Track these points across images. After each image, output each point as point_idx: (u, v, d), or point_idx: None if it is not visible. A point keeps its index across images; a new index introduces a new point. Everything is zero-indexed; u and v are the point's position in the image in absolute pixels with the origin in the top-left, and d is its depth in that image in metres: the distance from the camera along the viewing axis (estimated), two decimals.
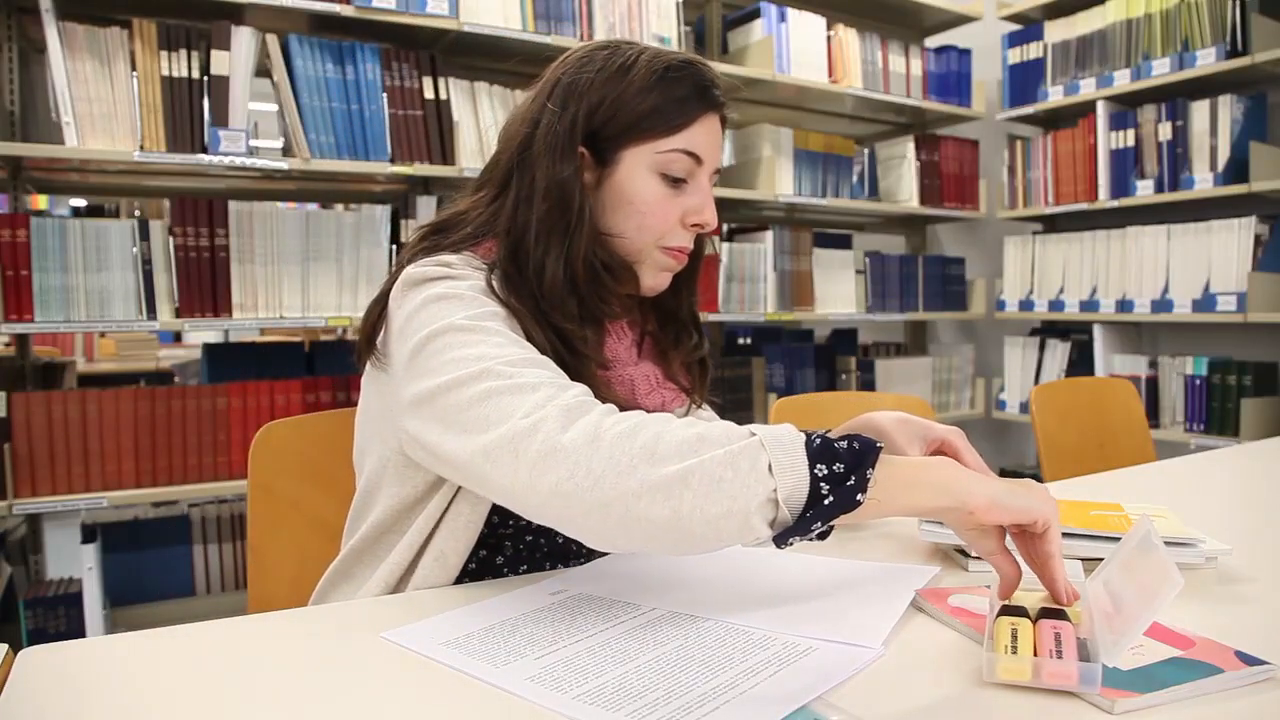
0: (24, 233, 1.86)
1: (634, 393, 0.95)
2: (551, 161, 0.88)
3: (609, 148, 0.90)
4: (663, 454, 0.64)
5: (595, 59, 0.91)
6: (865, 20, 3.12)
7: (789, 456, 0.63)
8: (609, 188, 0.91)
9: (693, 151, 0.91)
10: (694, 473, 0.63)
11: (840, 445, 0.66)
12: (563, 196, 0.88)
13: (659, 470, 0.63)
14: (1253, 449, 1.71)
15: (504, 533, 0.90)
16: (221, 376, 2.23)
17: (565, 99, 0.89)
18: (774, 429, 0.66)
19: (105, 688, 0.63)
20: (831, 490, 0.64)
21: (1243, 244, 2.61)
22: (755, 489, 0.63)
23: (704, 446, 0.64)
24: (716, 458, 0.63)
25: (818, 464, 0.64)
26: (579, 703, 0.59)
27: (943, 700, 0.61)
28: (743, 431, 0.66)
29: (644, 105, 0.89)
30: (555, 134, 0.89)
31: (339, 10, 2.09)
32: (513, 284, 0.86)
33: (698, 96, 0.91)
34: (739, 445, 0.64)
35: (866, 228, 3.74)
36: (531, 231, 0.88)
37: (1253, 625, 0.75)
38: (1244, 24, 2.59)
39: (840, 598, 0.81)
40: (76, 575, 2.04)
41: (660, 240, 0.93)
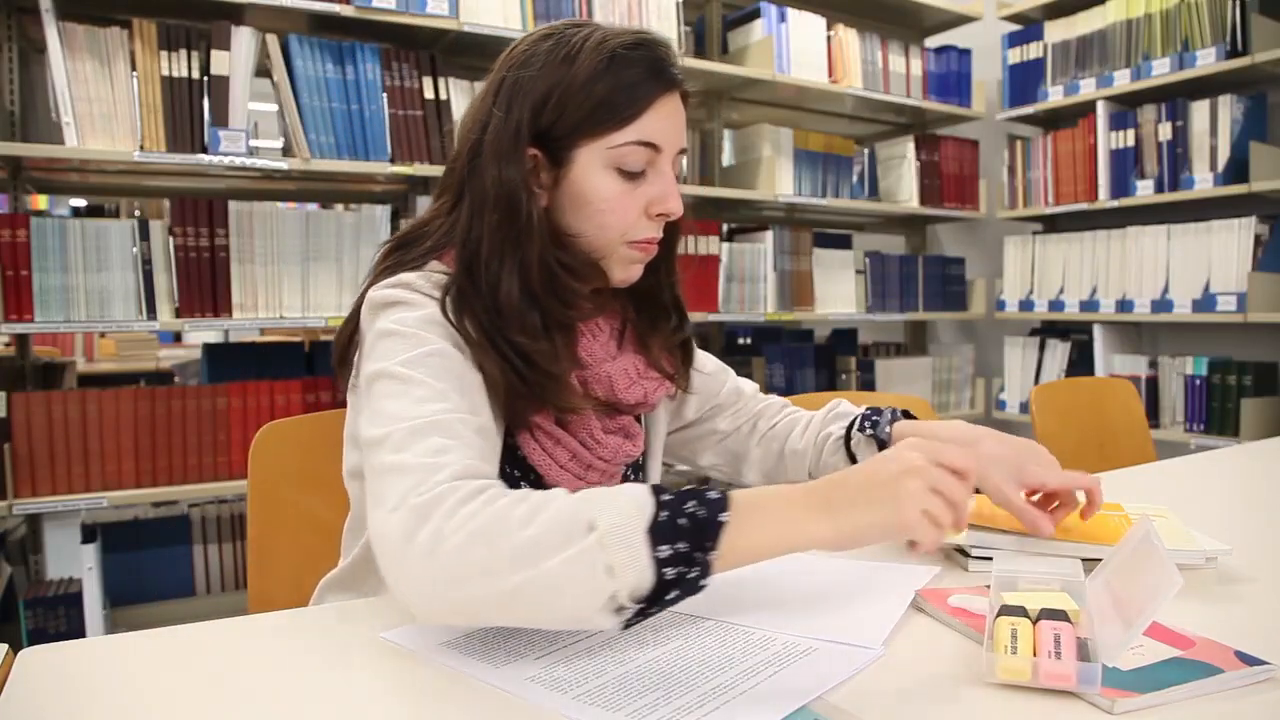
0: (24, 233, 1.86)
1: (613, 390, 0.91)
2: (498, 168, 0.84)
3: (560, 147, 0.86)
4: (498, 568, 0.61)
5: (539, 52, 0.86)
6: (865, 20, 3.12)
7: (629, 552, 0.61)
8: (565, 188, 0.88)
9: (648, 141, 0.86)
10: (529, 587, 0.61)
11: (683, 517, 0.63)
12: (510, 205, 0.84)
13: (496, 584, 0.61)
14: (1253, 449, 1.71)
15: None
16: (221, 376, 2.22)
17: (510, 100, 0.86)
18: (617, 513, 0.62)
19: (105, 688, 0.63)
20: (676, 576, 0.62)
21: (1243, 244, 2.61)
22: (595, 595, 0.61)
23: (541, 554, 0.61)
24: (552, 568, 0.60)
25: (660, 545, 0.61)
26: (579, 703, 0.59)
27: (943, 700, 0.61)
28: (583, 524, 0.62)
29: (591, 99, 0.84)
30: (500, 139, 0.85)
31: (339, 10, 2.09)
32: (468, 301, 0.83)
33: (650, 79, 0.86)
34: (575, 550, 0.61)
35: (866, 228, 3.74)
36: (484, 245, 0.85)
37: (1253, 625, 0.75)
38: (1244, 24, 2.59)
39: (840, 598, 0.81)
40: (76, 575, 2.04)
41: (625, 235, 0.89)
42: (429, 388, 0.75)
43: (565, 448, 0.89)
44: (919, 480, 0.65)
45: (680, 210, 0.90)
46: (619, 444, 0.92)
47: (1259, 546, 0.97)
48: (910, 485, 0.65)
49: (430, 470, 0.68)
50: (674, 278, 1.00)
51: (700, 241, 2.69)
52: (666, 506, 0.63)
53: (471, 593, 0.62)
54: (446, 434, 0.71)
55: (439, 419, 0.72)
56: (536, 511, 0.63)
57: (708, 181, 2.90)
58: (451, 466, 0.68)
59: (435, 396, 0.74)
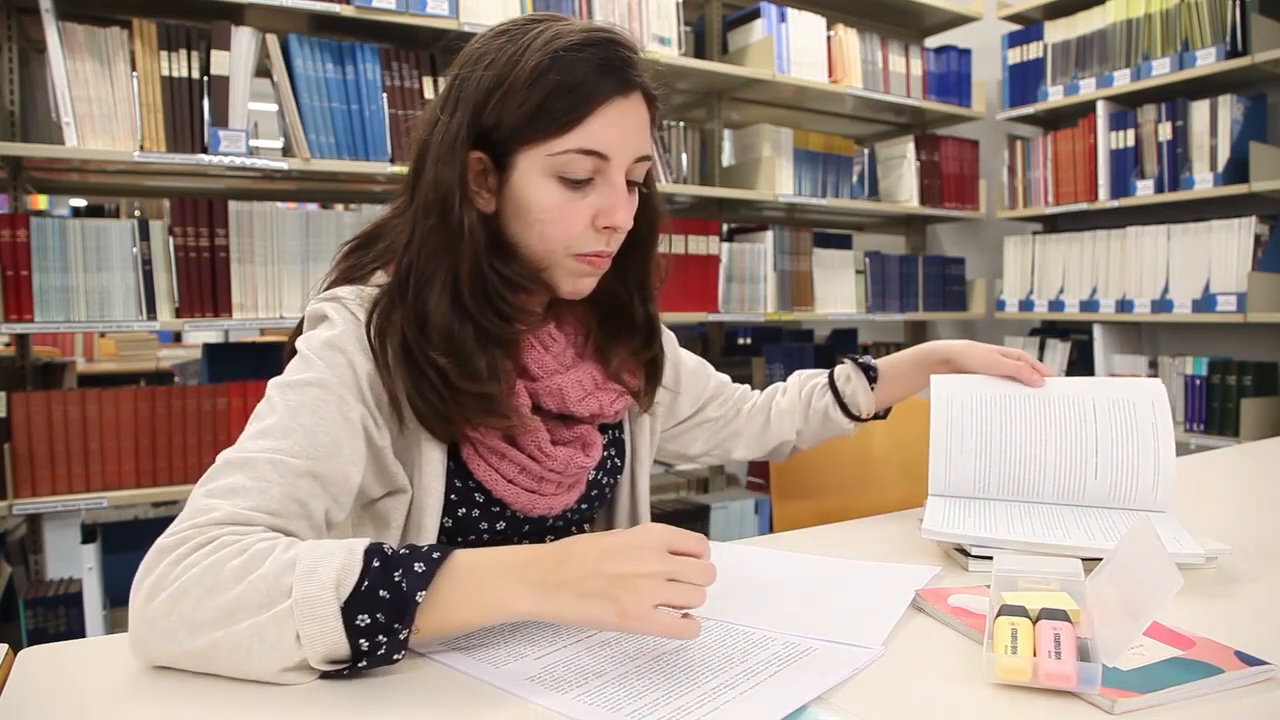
0: (24, 233, 1.86)
1: (564, 402, 0.89)
2: (435, 170, 0.81)
3: (502, 150, 0.82)
4: (199, 621, 0.62)
5: (489, 51, 0.82)
6: (865, 20, 3.12)
7: (317, 624, 0.61)
8: (507, 194, 0.83)
9: (593, 149, 0.80)
10: (221, 645, 0.61)
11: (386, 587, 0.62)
12: (444, 209, 0.81)
13: (194, 640, 0.62)
14: (1253, 449, 1.71)
15: None
16: (221, 376, 2.22)
17: (456, 99, 0.82)
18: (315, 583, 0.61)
19: (105, 688, 0.63)
20: (369, 647, 0.62)
21: (1243, 244, 2.61)
22: (281, 659, 0.61)
23: (239, 613, 0.61)
24: (244, 630, 0.61)
25: (360, 615, 0.61)
26: (579, 703, 0.59)
27: (943, 700, 0.61)
28: (283, 589, 0.62)
29: (529, 102, 0.79)
30: (442, 142, 0.81)
31: (339, 10, 2.09)
32: (394, 314, 0.81)
33: (596, 81, 0.79)
34: (268, 616, 0.61)
35: (866, 228, 3.74)
36: (418, 252, 0.82)
37: (1253, 625, 0.75)
38: (1244, 24, 2.59)
39: (840, 598, 0.81)
40: (76, 575, 2.04)
41: (569, 248, 0.84)
42: (279, 419, 0.74)
43: (512, 462, 0.87)
44: (647, 581, 0.63)
45: (628, 224, 0.85)
46: (571, 455, 0.89)
47: (1259, 546, 0.97)
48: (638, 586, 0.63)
49: (200, 511, 0.68)
50: (648, 294, 0.95)
51: (700, 241, 2.69)
52: (371, 574, 0.62)
53: (177, 644, 0.62)
54: (252, 474, 0.71)
55: (255, 457, 0.71)
56: (249, 569, 0.63)
57: (708, 181, 2.90)
58: (225, 509, 0.68)
59: (277, 431, 0.74)
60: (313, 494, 0.74)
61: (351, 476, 0.78)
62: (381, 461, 0.82)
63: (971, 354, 1.10)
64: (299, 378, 0.77)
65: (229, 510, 0.68)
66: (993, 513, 1.00)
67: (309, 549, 0.65)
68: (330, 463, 0.75)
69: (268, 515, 0.70)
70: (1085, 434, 1.02)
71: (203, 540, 0.65)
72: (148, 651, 0.64)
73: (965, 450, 1.05)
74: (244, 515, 0.68)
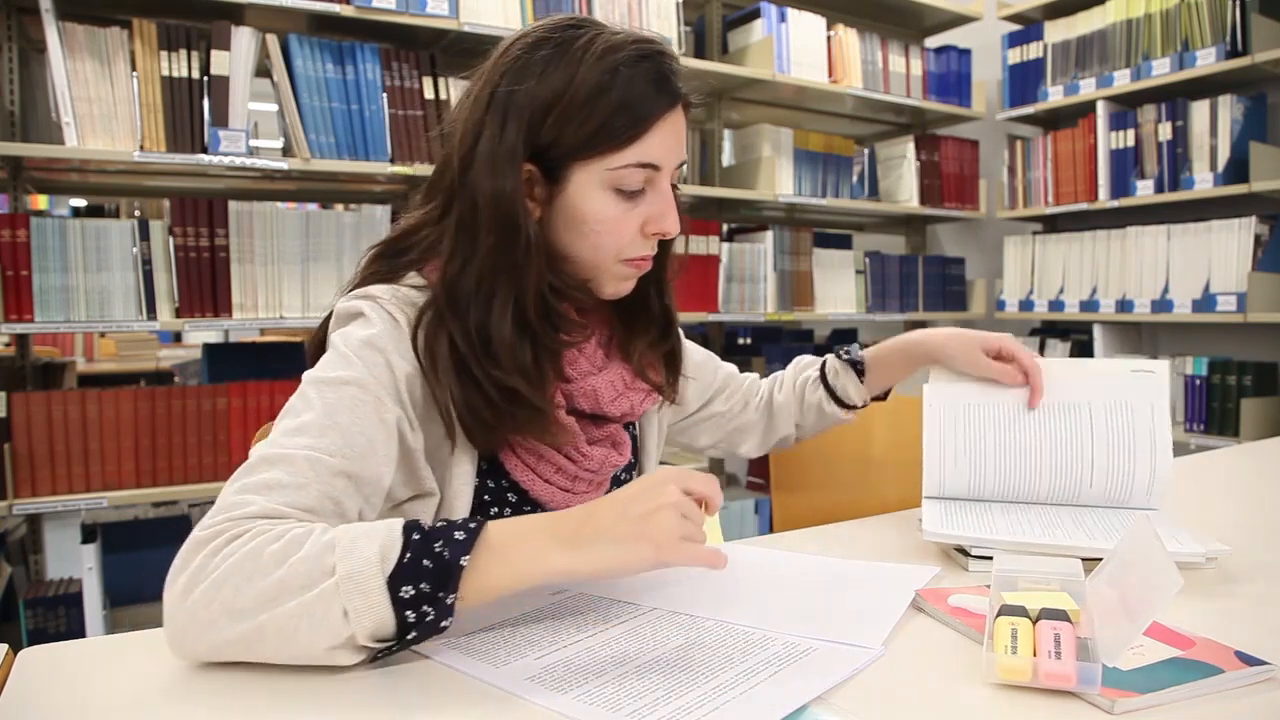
0: (24, 233, 1.86)
1: (598, 402, 0.89)
2: (492, 184, 0.80)
3: (556, 164, 0.82)
4: (241, 608, 0.62)
5: (535, 60, 0.81)
6: (865, 20, 3.12)
7: (364, 598, 0.61)
8: (559, 205, 0.84)
9: (649, 162, 0.82)
10: (268, 628, 0.61)
11: (429, 557, 0.63)
12: (508, 226, 0.80)
13: (238, 626, 0.62)
14: (1253, 449, 1.71)
15: None
16: (221, 376, 2.22)
17: (505, 111, 0.81)
18: (358, 559, 0.62)
19: (105, 688, 0.63)
20: (417, 619, 0.62)
21: (1243, 244, 2.61)
22: (329, 637, 0.62)
23: (283, 595, 0.62)
24: (290, 610, 0.61)
25: (403, 588, 0.62)
26: (579, 703, 0.59)
27: (943, 700, 0.61)
28: (326, 568, 0.62)
29: (593, 118, 0.79)
30: (496, 156, 0.80)
31: (339, 10, 2.09)
32: (445, 325, 0.81)
33: (654, 96, 0.82)
34: (313, 594, 0.61)
35: (866, 228, 3.74)
36: (474, 269, 0.81)
37: (1253, 625, 0.75)
38: (1244, 24, 2.59)
39: (840, 598, 0.81)
40: (76, 575, 2.04)
41: (620, 255, 0.86)
42: (316, 416, 0.74)
43: (549, 462, 0.87)
44: (672, 512, 0.67)
45: (677, 230, 0.87)
46: (605, 454, 0.90)
47: (1259, 546, 0.97)
48: (665, 518, 0.66)
49: (234, 505, 0.68)
50: (664, 287, 0.96)
51: (700, 241, 2.69)
52: (413, 547, 0.63)
53: (220, 633, 0.63)
54: (289, 471, 0.71)
55: (293, 453, 0.71)
56: (288, 553, 0.63)
57: (708, 181, 2.90)
58: (260, 504, 0.68)
59: (314, 428, 0.73)
60: (347, 494, 0.74)
61: (384, 478, 0.78)
62: (412, 464, 0.82)
63: (955, 351, 1.08)
64: (336, 374, 0.77)
65: (264, 505, 0.68)
66: (991, 513, 1.00)
67: (345, 530, 0.65)
68: (365, 463, 0.75)
69: (303, 512, 0.70)
70: (1080, 439, 1.02)
71: (238, 532, 0.66)
72: (190, 644, 0.64)
73: (959, 463, 1.05)
74: (279, 511, 0.69)
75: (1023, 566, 0.79)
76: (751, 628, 0.72)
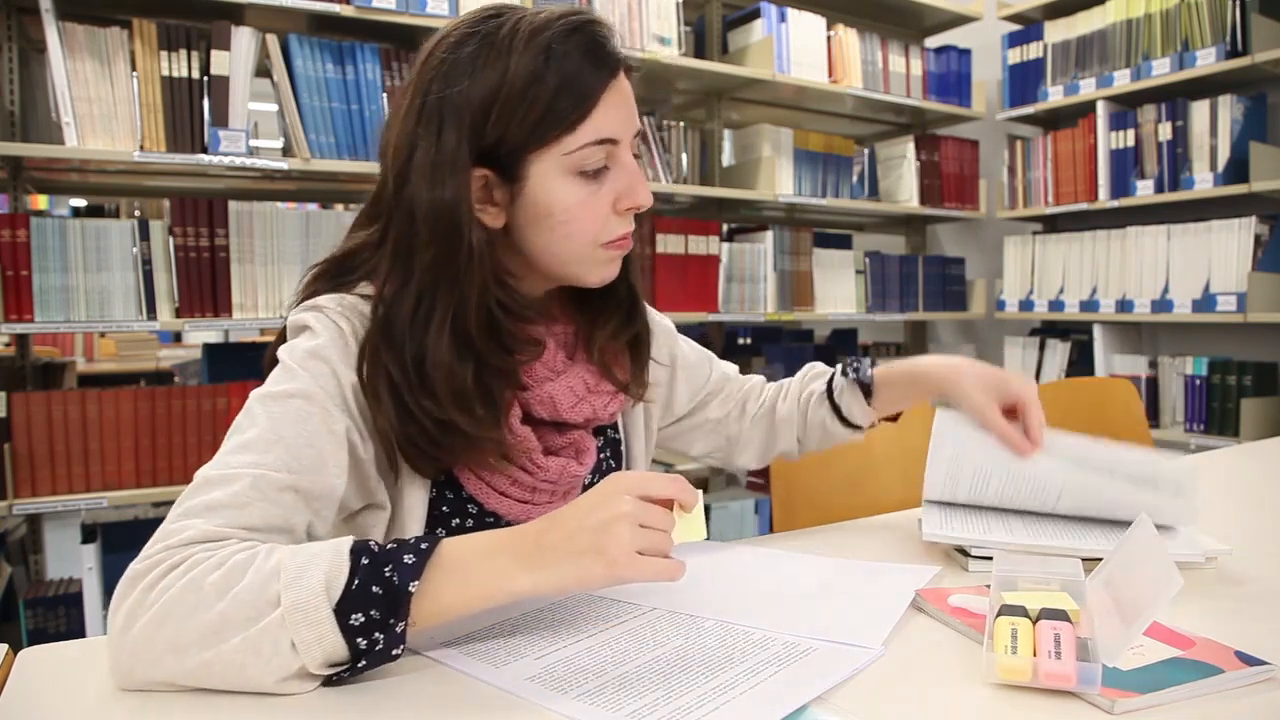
0: (24, 233, 1.86)
1: (556, 410, 0.86)
2: (433, 198, 0.76)
3: (510, 161, 0.78)
4: (185, 644, 0.60)
5: (461, 61, 0.77)
6: (865, 20, 3.12)
7: (313, 630, 0.60)
8: (522, 204, 0.80)
9: (605, 137, 0.79)
10: (213, 665, 0.60)
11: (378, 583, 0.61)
12: (449, 234, 0.76)
13: (182, 664, 0.60)
14: (1253, 449, 1.71)
15: None
16: (221, 376, 2.22)
17: (439, 120, 0.76)
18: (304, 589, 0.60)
19: (105, 688, 0.63)
20: (368, 646, 0.61)
21: (1243, 244, 2.61)
22: (279, 669, 0.60)
23: (227, 630, 0.60)
24: (235, 646, 0.59)
25: (353, 615, 0.60)
26: (579, 703, 0.59)
27: (943, 700, 0.61)
28: (270, 599, 0.60)
29: (536, 106, 0.75)
30: (435, 166, 0.76)
31: (339, 10, 2.09)
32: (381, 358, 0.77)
33: (593, 69, 0.77)
34: (259, 629, 0.59)
35: (866, 228, 3.74)
36: (411, 293, 0.77)
37: (1253, 625, 0.75)
38: (1244, 24, 2.59)
39: (840, 598, 0.81)
40: (76, 575, 2.04)
41: (597, 240, 0.82)
42: (260, 432, 0.72)
43: (503, 474, 0.84)
44: (626, 524, 0.63)
45: (650, 200, 0.83)
46: (564, 465, 0.86)
47: (1259, 546, 0.97)
48: (619, 532, 0.63)
49: (172, 533, 0.66)
50: (629, 265, 0.91)
51: (700, 241, 2.69)
52: (361, 572, 0.61)
53: (164, 670, 0.61)
54: (231, 491, 0.68)
55: (235, 473, 0.69)
56: (230, 583, 0.61)
57: (708, 181, 2.90)
58: (198, 528, 0.65)
59: (259, 444, 0.71)
60: (295, 509, 0.71)
61: (336, 489, 0.75)
62: (363, 474, 0.80)
63: (967, 391, 0.98)
64: (281, 388, 0.74)
65: (202, 529, 0.66)
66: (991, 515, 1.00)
67: (291, 554, 0.63)
68: (314, 476, 0.73)
69: (246, 531, 0.67)
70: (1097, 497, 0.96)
71: (175, 561, 0.63)
72: (136, 680, 0.62)
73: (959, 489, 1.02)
74: (218, 533, 0.66)
75: (1023, 566, 0.79)
76: (751, 628, 0.72)
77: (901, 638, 0.72)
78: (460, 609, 0.65)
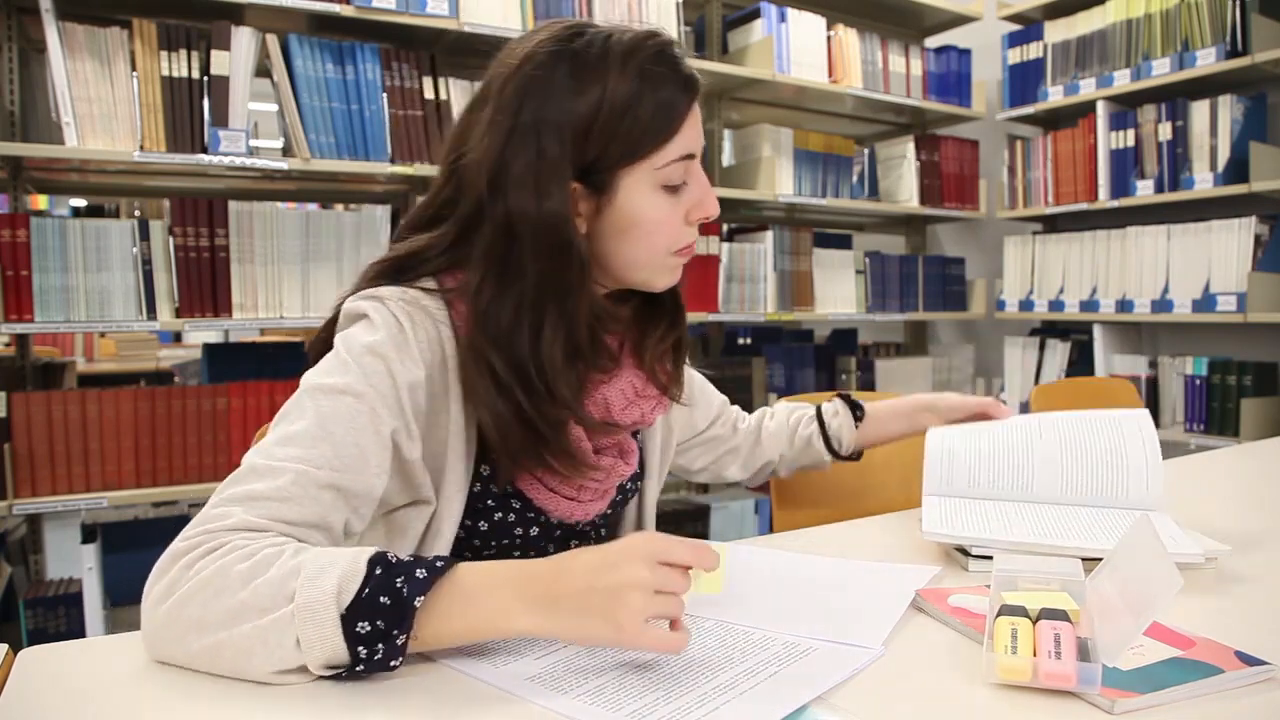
0: (24, 233, 1.86)
1: (609, 412, 0.88)
2: (542, 209, 0.79)
3: (601, 176, 0.82)
4: (206, 623, 0.63)
5: (557, 78, 0.80)
6: (865, 20, 3.12)
7: (318, 630, 0.61)
8: (609, 216, 0.84)
9: (688, 153, 0.84)
10: (225, 646, 0.63)
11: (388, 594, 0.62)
12: (560, 250, 0.80)
13: (201, 641, 0.63)
14: (1253, 449, 1.71)
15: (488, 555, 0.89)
16: (221, 376, 2.22)
17: (538, 134, 0.79)
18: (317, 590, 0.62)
19: (105, 688, 0.63)
20: (368, 655, 0.62)
21: (1243, 244, 2.61)
22: (280, 662, 0.62)
23: (243, 616, 0.62)
24: (246, 632, 0.62)
25: (359, 622, 0.62)
26: (579, 703, 0.60)
27: (943, 700, 0.61)
28: (287, 594, 0.62)
29: (635, 125, 0.80)
30: (540, 178, 0.79)
31: (339, 10, 2.09)
32: (484, 358, 0.80)
33: (682, 89, 0.83)
34: (270, 620, 0.62)
35: (866, 228, 3.74)
36: (510, 301, 0.80)
37: (1253, 625, 0.75)
38: (1244, 24, 2.59)
39: (840, 598, 0.81)
40: (76, 575, 2.04)
41: (670, 248, 0.87)
42: (308, 425, 0.73)
43: (555, 472, 0.86)
44: (640, 593, 0.63)
45: (717, 210, 0.89)
46: (612, 464, 0.89)
47: (1259, 546, 0.97)
48: (631, 600, 0.62)
49: (215, 517, 0.69)
50: None
51: (700, 241, 2.69)
52: (373, 582, 0.63)
53: (186, 645, 0.64)
54: (274, 484, 0.70)
55: (282, 465, 0.71)
56: (255, 574, 0.64)
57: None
58: (239, 517, 0.68)
59: (306, 439, 0.73)
60: (334, 507, 0.73)
61: (375, 489, 0.77)
62: (408, 473, 0.81)
63: (944, 398, 1.19)
64: (333, 381, 0.76)
65: (243, 518, 0.68)
66: (991, 512, 1.00)
67: (314, 556, 0.65)
68: (356, 476, 0.74)
69: (285, 525, 0.70)
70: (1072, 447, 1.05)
71: (213, 546, 0.66)
72: (161, 650, 0.66)
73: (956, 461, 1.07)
74: (258, 523, 0.69)
75: (1023, 566, 0.79)
76: (752, 628, 0.72)
77: (901, 638, 0.72)
78: (460, 635, 0.66)
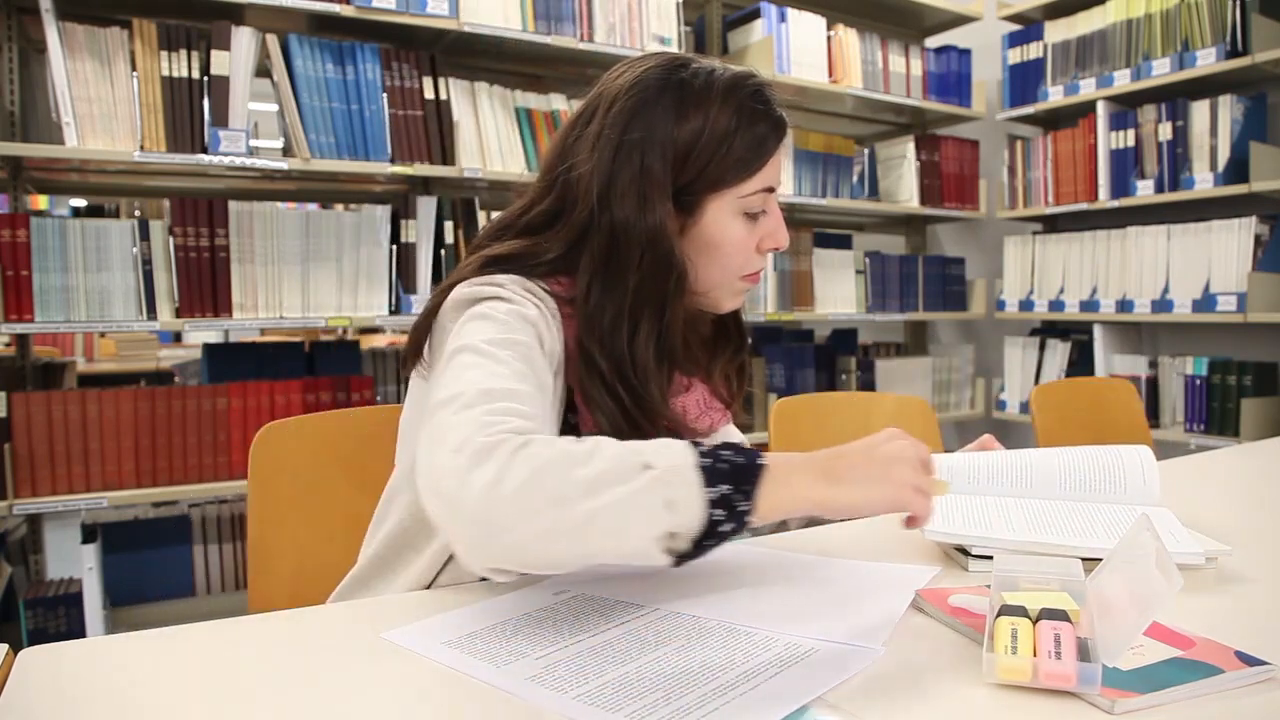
0: (24, 233, 1.86)
1: (685, 418, 0.95)
2: (647, 222, 0.86)
3: (692, 198, 0.89)
4: (569, 495, 0.64)
5: (664, 105, 0.88)
6: (865, 20, 3.12)
7: (687, 489, 0.65)
8: (694, 235, 0.91)
9: (770, 186, 0.92)
10: (601, 513, 0.64)
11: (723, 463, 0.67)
12: (663, 260, 0.87)
13: (566, 513, 0.64)
14: (1253, 449, 1.71)
15: None
16: (221, 376, 2.22)
17: (642, 154, 0.87)
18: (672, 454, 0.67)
19: (105, 688, 0.63)
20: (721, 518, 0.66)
21: (1243, 244, 2.61)
22: (655, 527, 0.64)
23: (606, 486, 0.64)
24: (619, 497, 0.64)
25: (709, 487, 0.65)
26: (579, 703, 0.59)
27: (943, 700, 0.61)
28: (639, 464, 0.66)
29: (731, 155, 0.88)
30: (644, 193, 0.86)
31: (339, 10, 2.09)
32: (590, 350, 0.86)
33: (773, 129, 0.91)
34: (639, 484, 0.64)
35: (866, 228, 3.74)
36: (612, 305, 0.86)
37: (1253, 625, 0.75)
38: (1244, 24, 2.59)
39: (840, 598, 0.81)
40: (76, 575, 2.04)
41: (740, 272, 0.94)
42: (509, 367, 0.76)
43: None
44: (909, 465, 0.73)
45: (787, 243, 0.96)
46: None
47: (1259, 546, 0.97)
48: (901, 470, 0.73)
49: (491, 422, 0.69)
50: None
51: None
52: (708, 455, 0.68)
53: (536, 526, 0.64)
54: (517, 402, 0.73)
55: (515, 387, 0.74)
56: (593, 454, 0.66)
57: None
58: (517, 423, 0.70)
59: (513, 376, 0.76)
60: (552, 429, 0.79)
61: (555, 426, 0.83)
62: None
63: None
64: (505, 335, 0.79)
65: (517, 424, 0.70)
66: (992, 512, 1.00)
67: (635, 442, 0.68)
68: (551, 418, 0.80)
69: None
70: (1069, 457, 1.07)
71: (528, 439, 0.67)
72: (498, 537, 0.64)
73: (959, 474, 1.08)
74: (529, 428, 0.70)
75: (1023, 566, 0.79)
76: (752, 628, 0.72)
77: (901, 638, 0.72)
78: (784, 507, 0.70)
